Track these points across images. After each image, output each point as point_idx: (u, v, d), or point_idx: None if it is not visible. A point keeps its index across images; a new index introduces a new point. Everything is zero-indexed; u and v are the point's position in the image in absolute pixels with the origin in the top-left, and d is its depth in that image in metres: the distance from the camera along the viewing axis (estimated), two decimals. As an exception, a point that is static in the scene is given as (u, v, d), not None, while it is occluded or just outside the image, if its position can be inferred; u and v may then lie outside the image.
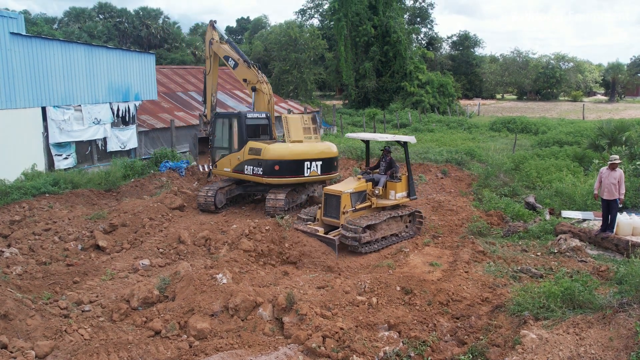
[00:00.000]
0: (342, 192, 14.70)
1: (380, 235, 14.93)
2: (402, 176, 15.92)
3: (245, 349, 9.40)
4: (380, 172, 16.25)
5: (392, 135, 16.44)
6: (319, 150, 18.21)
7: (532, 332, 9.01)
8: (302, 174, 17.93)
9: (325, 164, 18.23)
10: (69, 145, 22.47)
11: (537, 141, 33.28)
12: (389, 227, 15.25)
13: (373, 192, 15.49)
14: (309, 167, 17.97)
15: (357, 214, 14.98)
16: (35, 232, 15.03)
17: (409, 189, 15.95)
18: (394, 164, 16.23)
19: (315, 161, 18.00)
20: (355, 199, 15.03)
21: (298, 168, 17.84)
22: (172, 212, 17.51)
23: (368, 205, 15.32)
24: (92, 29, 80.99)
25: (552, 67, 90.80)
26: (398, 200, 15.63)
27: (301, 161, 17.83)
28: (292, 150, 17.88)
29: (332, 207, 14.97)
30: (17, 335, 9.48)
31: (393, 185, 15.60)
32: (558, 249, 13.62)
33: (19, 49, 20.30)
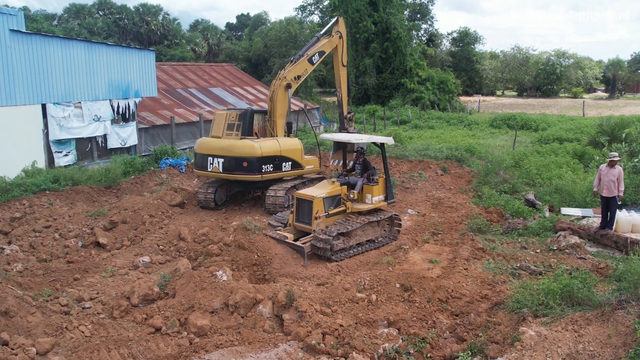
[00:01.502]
0: (314, 197, 13.91)
1: (355, 242, 14.25)
2: (380, 179, 15.10)
3: (245, 346, 9.45)
4: (356, 175, 15.51)
5: (368, 136, 15.74)
6: (220, 147, 17.91)
7: (531, 329, 9.05)
8: (206, 169, 18.19)
9: (227, 162, 17.69)
10: (69, 142, 22.48)
11: (537, 138, 33.29)
12: (365, 233, 14.59)
13: (348, 196, 14.76)
14: (212, 163, 17.99)
15: (331, 220, 14.28)
16: (36, 229, 15.07)
17: (387, 192, 15.23)
18: (370, 165, 15.47)
19: (217, 158, 17.87)
20: (328, 204, 14.29)
21: (204, 162, 18.17)
22: (172, 209, 17.55)
23: (342, 210, 14.62)
24: (92, 25, 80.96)
25: (552, 63, 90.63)
26: (375, 205, 14.88)
27: (206, 156, 18.11)
28: (201, 144, 18.64)
29: (304, 212, 14.18)
30: (18, 332, 9.50)
31: (369, 189, 14.83)
32: (557, 246, 13.63)
33: (19, 46, 20.30)
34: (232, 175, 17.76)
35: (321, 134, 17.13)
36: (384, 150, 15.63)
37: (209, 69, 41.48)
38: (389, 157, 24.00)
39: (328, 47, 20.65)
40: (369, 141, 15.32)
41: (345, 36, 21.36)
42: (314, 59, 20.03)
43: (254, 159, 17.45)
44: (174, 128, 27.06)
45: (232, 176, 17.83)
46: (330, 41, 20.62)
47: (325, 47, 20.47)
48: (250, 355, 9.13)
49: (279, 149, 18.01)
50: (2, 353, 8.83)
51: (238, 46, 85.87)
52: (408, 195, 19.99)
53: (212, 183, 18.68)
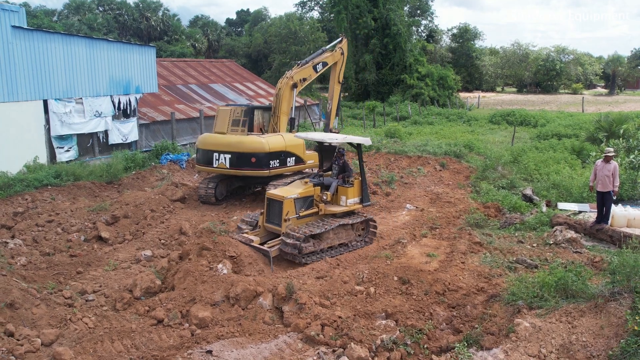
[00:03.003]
0: (284, 198, 13.37)
1: (327, 245, 13.67)
2: (355, 181, 14.53)
3: (245, 337, 9.64)
4: (332, 176, 15.01)
5: (343, 136, 15.15)
6: (227, 143, 18.04)
7: (525, 321, 9.24)
8: (211, 165, 18.34)
9: (235, 158, 17.86)
10: (71, 138, 22.66)
11: (536, 134, 33.46)
12: (337, 236, 13.98)
13: (321, 197, 14.14)
14: (217, 159, 18.11)
15: (303, 221, 13.73)
16: (39, 224, 15.26)
17: (362, 194, 14.64)
18: (348, 167, 14.91)
19: (223, 154, 18.01)
20: (300, 205, 13.70)
21: (208, 158, 18.30)
22: (174, 204, 17.73)
23: (315, 211, 14.04)
24: (92, 21, 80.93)
25: (552, 59, 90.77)
26: (349, 207, 14.29)
27: (211, 152, 18.20)
28: (205, 140, 18.72)
29: (275, 213, 13.62)
30: (23, 324, 9.71)
31: (344, 191, 14.27)
32: (554, 240, 13.81)
33: (20, 42, 20.46)
34: (239, 170, 17.97)
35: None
36: (360, 151, 15.03)
37: (209, 65, 41.62)
38: (387, 153, 24.26)
39: (331, 60, 21.60)
40: (345, 141, 14.66)
41: (346, 55, 22.45)
42: (317, 67, 20.90)
43: (263, 154, 17.69)
44: (174, 124, 27.22)
45: (239, 172, 18.03)
46: (333, 55, 21.60)
47: (329, 59, 21.43)
48: (251, 346, 9.33)
49: (284, 144, 18.28)
50: (8, 344, 9.03)
51: (238, 42, 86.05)
52: (407, 191, 20.15)
53: (212, 178, 18.86)
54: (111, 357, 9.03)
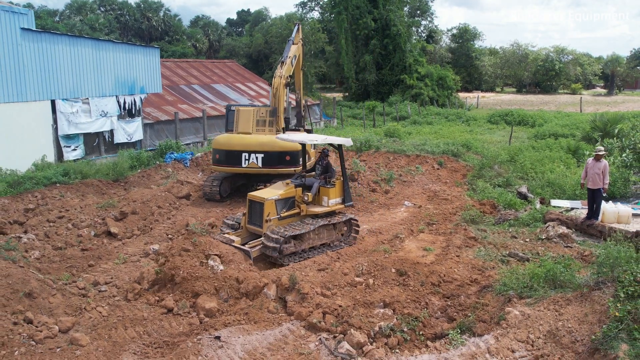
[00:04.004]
0: (265, 199, 13.46)
1: (308, 246, 13.76)
2: (337, 181, 14.64)
3: (251, 325, 10.21)
4: (315, 176, 15.08)
5: (324, 137, 15.18)
6: (259, 143, 18.46)
7: (516, 309, 9.82)
8: (240, 165, 18.74)
9: (268, 157, 18.39)
10: (77, 137, 23.22)
11: (534, 133, 33.99)
12: (319, 236, 14.06)
13: (302, 198, 14.22)
14: (247, 159, 18.58)
15: (284, 222, 13.81)
16: (50, 220, 15.81)
17: (344, 194, 14.71)
18: (331, 168, 14.98)
19: (255, 153, 18.49)
20: (281, 206, 13.80)
21: (236, 159, 18.68)
22: (179, 200, 18.32)
23: (296, 212, 14.13)
24: (94, 21, 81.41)
25: (551, 60, 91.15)
26: (331, 207, 14.37)
27: (239, 152, 18.59)
28: (230, 140, 18.96)
29: (256, 214, 13.73)
30: (41, 312, 10.29)
31: (326, 191, 14.35)
32: (546, 235, 14.34)
33: (29, 43, 21.02)
34: (273, 169, 18.54)
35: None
36: (341, 152, 15.01)
37: (211, 66, 42.18)
38: (387, 152, 24.81)
39: (298, 52, 22.25)
40: (325, 142, 14.78)
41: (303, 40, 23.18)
42: (292, 62, 21.50)
43: (296, 152, 18.38)
44: (178, 124, 27.79)
45: (272, 170, 18.58)
46: (298, 47, 22.19)
47: (297, 52, 22.05)
48: (257, 333, 9.90)
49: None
50: (28, 330, 9.62)
51: (239, 42, 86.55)
52: (405, 188, 20.71)
53: (217, 176, 19.41)
54: (125, 342, 9.62)
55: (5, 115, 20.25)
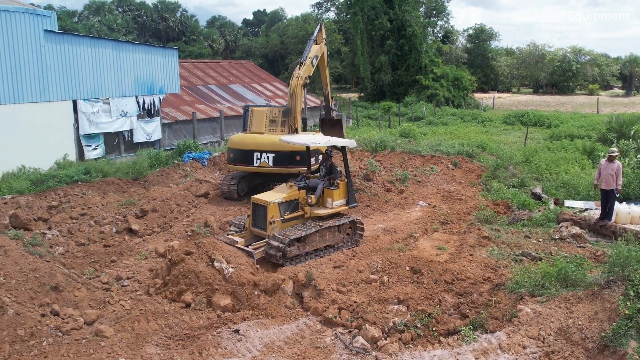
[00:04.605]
0: (268, 203, 13.45)
1: (312, 248, 13.71)
2: (341, 182, 14.67)
3: (269, 319, 10.55)
4: (319, 178, 15.06)
5: (327, 139, 15.13)
6: (271, 143, 18.65)
7: (527, 307, 10.04)
8: (252, 164, 19.08)
9: (279, 156, 18.65)
10: (98, 137, 23.71)
11: (549, 134, 33.98)
12: (323, 238, 13.98)
13: (306, 200, 14.20)
14: (259, 158, 18.88)
15: (288, 224, 13.78)
16: (72, 217, 16.27)
17: (348, 196, 14.73)
18: (335, 169, 14.95)
19: (266, 153, 18.78)
20: (284, 209, 13.76)
21: (248, 158, 19.04)
22: (198, 199, 18.71)
23: (300, 214, 14.12)
24: (112, 22, 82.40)
25: (568, 60, 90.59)
26: (335, 209, 14.39)
27: (251, 151, 18.93)
28: (243, 140, 19.37)
29: (260, 217, 13.73)
30: (67, 305, 10.70)
31: (330, 193, 14.37)
32: (559, 235, 14.50)
33: (51, 45, 21.51)
34: (284, 168, 18.83)
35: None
36: (345, 153, 14.91)
37: (228, 66, 42.62)
38: (402, 152, 25.03)
39: (320, 52, 22.41)
40: (328, 144, 14.62)
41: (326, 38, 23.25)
42: (313, 62, 21.64)
43: (300, 152, 18.53)
44: (195, 123, 28.23)
45: (283, 169, 18.87)
46: (320, 47, 22.35)
47: (318, 52, 22.21)
48: (274, 327, 10.23)
49: None
50: (55, 321, 10.02)
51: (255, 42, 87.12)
52: (420, 188, 20.91)
53: (234, 175, 19.78)
54: (147, 334, 9.98)
55: (29, 115, 20.75)
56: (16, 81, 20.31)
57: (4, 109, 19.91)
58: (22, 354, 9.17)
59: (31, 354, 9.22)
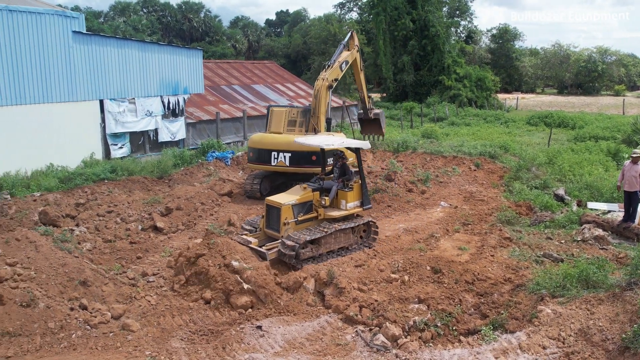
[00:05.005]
0: (282, 205, 13.40)
1: (325, 250, 13.56)
2: (355, 184, 14.54)
3: (291, 316, 10.73)
4: (333, 179, 14.94)
5: (341, 140, 15.02)
6: (288, 143, 18.69)
7: (548, 308, 10.07)
8: (269, 163, 19.33)
9: (295, 156, 18.81)
10: (124, 136, 24.15)
11: (573, 136, 33.68)
12: (337, 240, 13.84)
13: (320, 202, 14.09)
14: (276, 158, 19.10)
15: (302, 226, 13.73)
16: (99, 214, 16.64)
17: (363, 197, 14.63)
18: (348, 170, 14.81)
19: (283, 152, 18.98)
20: (298, 211, 13.72)
21: (266, 157, 19.31)
22: (222, 197, 18.99)
23: (314, 216, 14.04)
24: (137, 22, 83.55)
25: (594, 60, 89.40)
26: (349, 211, 14.29)
27: (268, 151, 19.19)
28: (262, 139, 19.70)
29: (273, 219, 13.65)
30: (95, 299, 11.01)
31: (344, 195, 14.24)
32: (581, 237, 14.44)
33: (79, 46, 21.97)
34: (299, 168, 19.07)
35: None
36: (359, 155, 14.85)
37: (251, 67, 42.97)
38: (423, 153, 25.08)
39: (350, 58, 22.67)
40: (342, 146, 14.57)
41: (359, 45, 23.74)
42: (342, 67, 21.92)
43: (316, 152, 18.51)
44: (219, 123, 28.57)
45: (299, 169, 19.12)
46: (351, 53, 22.66)
47: (349, 58, 22.50)
48: (296, 324, 10.42)
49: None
50: (83, 315, 10.32)
51: (277, 43, 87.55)
52: (441, 189, 20.94)
53: (257, 175, 20.04)
54: (172, 329, 10.24)
55: (58, 114, 21.23)
56: (45, 81, 20.81)
57: (33, 109, 20.42)
58: (53, 346, 9.50)
59: (61, 346, 9.54)
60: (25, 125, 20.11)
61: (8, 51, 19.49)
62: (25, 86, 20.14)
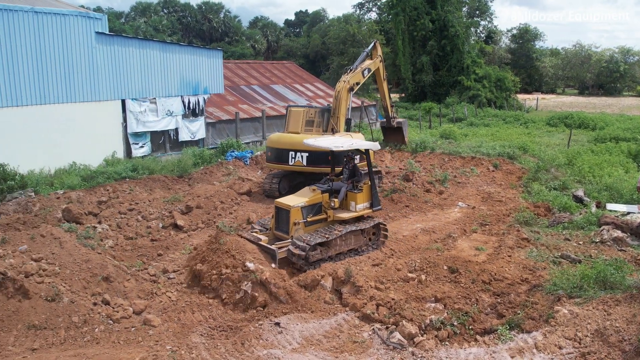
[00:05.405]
0: (291, 207, 13.35)
1: (335, 252, 13.50)
2: (364, 185, 14.46)
3: (308, 314, 10.87)
4: (343, 180, 14.88)
5: (350, 142, 14.96)
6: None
7: (564, 308, 10.10)
8: (287, 163, 19.58)
9: (313, 156, 18.95)
10: (145, 135, 24.50)
11: (594, 137, 33.41)
12: (346, 242, 13.77)
13: (329, 204, 14.03)
14: (294, 157, 19.31)
15: (311, 228, 13.66)
16: (121, 212, 16.94)
17: (372, 199, 14.55)
18: (358, 171, 14.76)
19: (300, 152, 19.14)
20: (307, 213, 13.65)
21: (283, 157, 19.58)
22: (241, 196, 19.20)
23: (323, 218, 13.97)
24: (157, 23, 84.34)
25: (615, 61, 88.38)
26: (359, 212, 14.19)
27: (286, 151, 19.40)
28: (280, 139, 19.94)
29: (283, 221, 13.64)
30: (117, 295, 11.27)
31: (353, 196, 14.14)
32: (600, 238, 14.40)
33: (102, 46, 22.36)
34: (316, 168, 19.26)
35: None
36: (368, 157, 14.83)
37: (270, 67, 43.22)
38: (442, 153, 25.09)
39: (373, 67, 23.13)
40: (351, 148, 14.40)
41: (382, 55, 24.25)
42: (364, 73, 22.32)
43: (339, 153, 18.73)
44: (238, 123, 28.82)
45: (316, 169, 19.30)
46: (374, 62, 23.15)
47: (371, 66, 22.94)
48: (313, 321, 10.56)
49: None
50: (106, 310, 10.58)
51: (296, 43, 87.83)
52: (459, 189, 20.95)
53: (276, 174, 20.24)
54: (192, 325, 10.46)
55: (80, 113, 21.64)
56: (69, 81, 21.23)
57: (57, 108, 20.84)
58: (76, 339, 9.75)
59: (84, 339, 9.79)
60: (49, 124, 20.54)
61: (33, 52, 19.92)
62: (49, 86, 20.58)
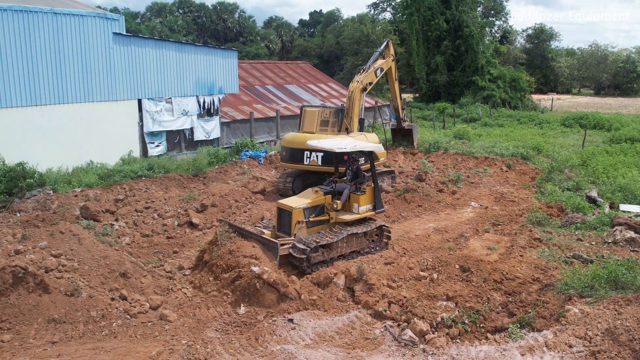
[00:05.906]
0: (293, 208, 13.28)
1: (337, 254, 13.41)
2: (367, 187, 14.35)
3: (321, 311, 11.05)
4: (346, 182, 14.78)
5: (353, 144, 14.78)
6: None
7: (575, 307, 10.18)
8: (302, 162, 19.74)
9: (328, 156, 19.02)
10: (161, 134, 24.83)
11: (609, 138, 33.21)
12: (348, 244, 13.67)
13: (332, 205, 13.90)
14: (309, 157, 19.46)
15: (313, 230, 13.59)
16: (137, 210, 17.23)
17: (375, 201, 14.45)
18: (361, 173, 14.66)
19: (315, 152, 19.26)
20: (309, 214, 13.58)
21: (298, 156, 19.72)
22: (255, 195, 19.45)
23: (326, 219, 13.89)
24: (173, 23, 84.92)
25: (632, 61, 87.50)
26: (362, 214, 14.09)
27: (301, 150, 19.53)
28: (295, 139, 20.07)
29: (285, 222, 13.56)
30: (134, 290, 11.53)
31: (356, 198, 14.05)
32: (612, 239, 14.41)
33: (119, 47, 22.70)
34: (332, 167, 19.35)
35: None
36: (372, 158, 14.72)
37: (285, 67, 43.44)
38: (455, 154, 25.14)
39: (385, 66, 23.44)
40: (354, 149, 14.26)
41: (395, 54, 24.56)
42: (377, 73, 22.57)
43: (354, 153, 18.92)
44: (252, 123, 29.08)
45: (331, 168, 19.39)
46: (386, 62, 23.43)
47: (384, 65, 23.24)
48: (326, 318, 10.74)
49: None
50: (123, 305, 10.83)
51: (310, 43, 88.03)
52: (472, 190, 21.00)
53: (290, 173, 20.44)
54: (207, 320, 10.67)
55: (98, 113, 22.00)
56: (87, 81, 21.59)
57: (75, 108, 21.21)
58: (95, 333, 10.01)
59: (102, 333, 10.04)
60: (67, 123, 20.92)
61: (52, 52, 20.29)
62: (67, 86, 20.95)
